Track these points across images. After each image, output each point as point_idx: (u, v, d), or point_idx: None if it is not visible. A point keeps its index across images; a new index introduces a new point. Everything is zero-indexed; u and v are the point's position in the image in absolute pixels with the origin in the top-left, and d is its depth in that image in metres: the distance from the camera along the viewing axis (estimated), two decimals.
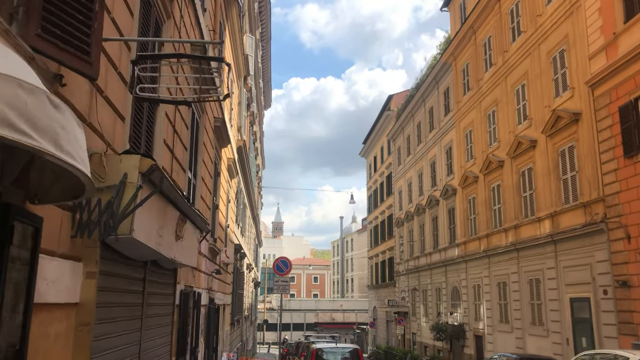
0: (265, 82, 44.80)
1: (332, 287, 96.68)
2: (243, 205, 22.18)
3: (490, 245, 22.34)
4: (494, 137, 22.40)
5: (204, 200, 9.93)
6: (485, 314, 22.73)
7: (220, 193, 12.64)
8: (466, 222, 25.25)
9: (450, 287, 27.42)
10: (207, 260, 10.58)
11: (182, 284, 7.70)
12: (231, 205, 16.17)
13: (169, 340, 6.54)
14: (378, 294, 45.62)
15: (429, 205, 30.68)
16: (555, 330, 17.07)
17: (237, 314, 19.38)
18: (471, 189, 24.63)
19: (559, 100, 17.30)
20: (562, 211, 16.84)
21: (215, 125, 11.14)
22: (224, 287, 14.73)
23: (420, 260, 32.58)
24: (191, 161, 8.47)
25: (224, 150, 13.28)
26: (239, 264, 19.97)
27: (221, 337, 14.36)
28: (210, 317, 10.71)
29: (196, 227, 6.44)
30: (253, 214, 32.16)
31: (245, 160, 19.18)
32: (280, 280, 15.60)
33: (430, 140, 31.22)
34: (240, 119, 18.83)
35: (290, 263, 15.87)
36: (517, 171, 20.11)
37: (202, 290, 10.03)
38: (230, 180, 15.55)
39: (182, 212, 5.37)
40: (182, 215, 5.36)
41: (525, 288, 19.25)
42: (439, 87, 29.99)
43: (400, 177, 37.97)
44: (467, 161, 25.38)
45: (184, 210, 5.40)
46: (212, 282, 11.42)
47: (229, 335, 16.90)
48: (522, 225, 19.58)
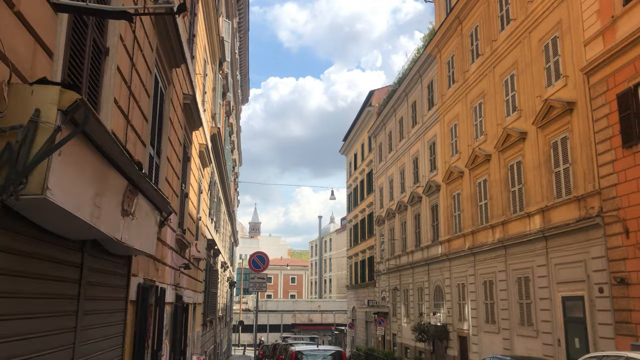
0: (243, 76, 43.58)
1: (310, 287, 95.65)
2: (217, 199, 20.99)
3: (475, 243, 21.53)
4: (480, 131, 21.61)
5: (170, 185, 8.79)
6: (470, 314, 21.91)
7: (190, 180, 11.49)
8: (450, 219, 24.43)
9: (433, 287, 26.58)
10: (173, 252, 9.43)
11: (140, 276, 6.56)
12: (203, 197, 15.00)
13: (119, 342, 5.41)
14: (357, 294, 44.69)
15: (411, 203, 29.83)
16: (546, 331, 16.27)
17: (210, 314, 18.18)
18: (456, 184, 23.82)
19: (551, 90, 16.53)
20: (553, 206, 16.06)
21: (185, 102, 10.00)
22: (195, 285, 13.56)
23: (402, 259, 31.72)
24: (153, 136, 7.34)
25: (195, 134, 12.13)
26: (212, 261, 18.78)
27: (191, 338, 13.19)
28: (177, 317, 9.56)
29: (154, 206, 5.32)
30: (229, 210, 30.93)
31: (220, 151, 18.02)
32: (256, 278, 14.40)
33: (412, 135, 30.39)
34: (215, 105, 17.67)
35: (267, 259, 14.68)
36: (505, 165, 19.32)
37: (168, 286, 8.89)
38: (203, 169, 14.39)
39: (132, 182, 4.26)
40: (131, 186, 4.24)
41: (514, 287, 18.45)
42: (423, 81, 29.17)
43: (382, 174, 37.10)
44: (451, 156, 24.56)
45: (135, 180, 4.29)
46: (180, 278, 10.27)
47: (201, 336, 15.71)
48: (510, 221, 18.79)
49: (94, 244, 4.33)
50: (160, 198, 5.39)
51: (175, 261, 9.73)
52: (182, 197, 10.39)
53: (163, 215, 6.05)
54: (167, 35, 7.58)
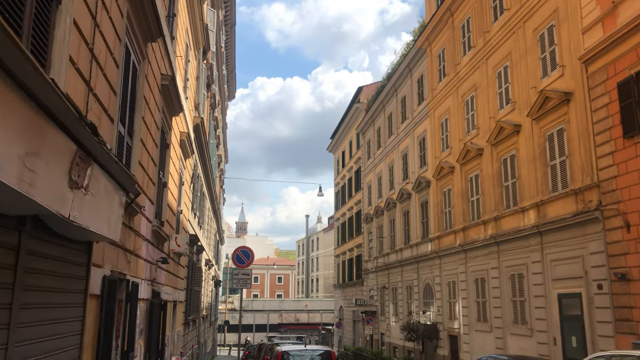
0: (229, 72, 42.78)
1: (297, 287, 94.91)
2: (201, 194, 20.21)
3: (467, 239, 20.98)
4: (472, 124, 21.06)
5: (145, 170, 8.05)
6: (461, 313, 21.36)
7: (169, 170, 10.75)
8: (440, 216, 23.87)
9: (422, 285, 26.01)
10: (149, 245, 8.69)
11: (106, 267, 5.83)
12: (185, 189, 14.24)
13: (76, 341, 4.68)
14: (345, 294, 44.07)
15: (400, 200, 29.25)
16: (541, 329, 15.73)
17: (192, 312, 17.41)
18: (446, 180, 23.26)
19: (546, 81, 16.00)
20: (549, 200, 15.53)
21: (163, 83, 9.26)
22: (175, 281, 12.80)
23: (390, 257, 31.13)
24: (124, 114, 6.61)
25: (175, 120, 11.39)
26: (195, 258, 18.01)
27: (171, 338, 12.43)
28: (153, 315, 8.82)
29: (117, 184, 4.59)
30: (214, 207, 30.12)
31: (203, 143, 17.26)
32: (240, 274, 13.60)
33: (402, 131, 29.81)
34: (198, 95, 16.91)
35: (252, 253, 13.89)
36: (498, 159, 18.78)
37: (142, 280, 8.15)
38: (185, 160, 13.63)
39: (84, 149, 3.54)
40: (83, 153, 3.52)
41: (507, 284, 17.91)
42: (413, 76, 28.60)
43: (370, 172, 36.51)
44: (442, 151, 24.01)
45: (88, 147, 3.57)
46: (157, 273, 9.53)
47: (182, 336, 14.94)
48: (503, 217, 18.24)
49: (37, 223, 3.61)
50: (126, 175, 4.67)
51: (152, 254, 8.99)
52: (159, 186, 9.65)
53: (130, 197, 5.33)
54: (141, 3, 6.86)
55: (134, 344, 7.49)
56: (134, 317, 7.32)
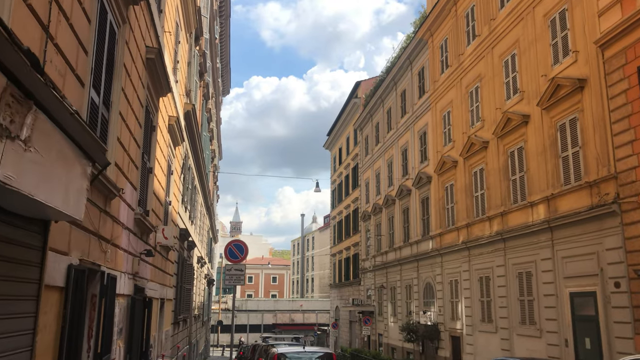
0: (224, 65, 41.86)
1: (292, 287, 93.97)
2: (193, 187, 19.29)
3: (470, 236, 20.14)
4: (476, 117, 20.23)
5: (126, 150, 7.15)
6: (464, 313, 20.51)
7: (156, 155, 9.84)
8: (442, 212, 23.03)
9: (422, 284, 25.17)
10: (131, 235, 7.78)
11: (73, 255, 4.93)
12: (175, 179, 13.33)
13: (26, 342, 3.78)
14: (341, 293, 43.18)
15: (400, 196, 28.40)
16: (551, 330, 14.90)
17: (183, 311, 16.48)
18: (449, 175, 22.42)
19: (558, 68, 15.17)
20: (561, 193, 14.70)
21: (148, 57, 8.35)
22: (163, 277, 11.89)
23: (389, 256, 30.28)
24: (99, 79, 5.71)
25: (163, 101, 10.48)
26: (186, 254, 17.09)
27: (157, 338, 11.52)
28: (135, 312, 7.91)
29: (78, 148, 3.69)
30: (207, 203, 29.18)
31: (195, 133, 16.34)
32: (233, 269, 12.58)
33: (401, 126, 28.96)
34: (190, 81, 16.00)
35: (246, 248, 12.90)
36: (504, 152, 17.95)
37: (122, 274, 7.25)
38: (174, 148, 12.72)
39: (20, 86, 2.64)
40: (18, 92, 2.63)
41: (514, 282, 17.08)
42: (413, 68, 27.76)
43: (368, 168, 35.65)
44: (444, 145, 23.17)
45: (28, 85, 2.68)
46: (140, 267, 8.62)
47: (171, 336, 14.02)
48: (510, 212, 17.42)
49: None
50: (91, 140, 3.77)
51: (134, 246, 8.08)
52: (144, 171, 8.75)
53: (97, 168, 4.43)
54: None
55: (111, 345, 6.59)
56: (111, 314, 6.42)
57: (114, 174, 6.37)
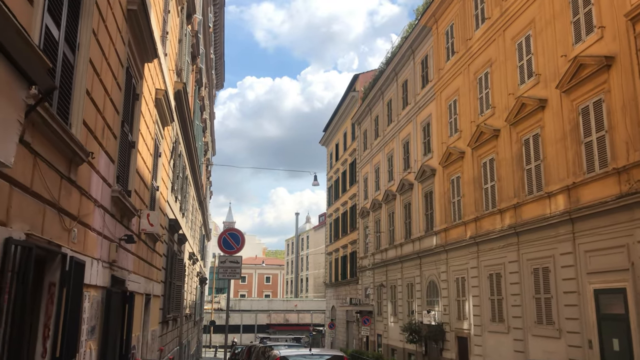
0: (218, 58, 40.52)
1: (286, 287, 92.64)
2: (184, 177, 18.01)
3: (479, 231, 18.97)
4: (486, 104, 19.07)
5: (100, 111, 5.90)
6: (471, 312, 19.34)
7: (141, 129, 8.58)
8: (448, 206, 21.86)
9: (425, 282, 23.99)
10: (106, 215, 6.53)
11: (14, 227, 3.69)
12: (164, 163, 12.06)
13: None
14: (337, 293, 41.96)
15: (401, 191, 27.22)
16: (572, 330, 13.74)
17: (173, 310, 15.21)
18: (455, 167, 21.25)
19: (580, 46, 14.02)
20: (583, 182, 13.55)
21: (130, 7, 7.10)
22: (149, 271, 10.62)
23: (389, 253, 29.09)
24: (59, 8, 4.45)
25: (149, 69, 9.23)
26: (177, 248, 15.82)
27: (142, 339, 10.25)
28: (112, 308, 6.65)
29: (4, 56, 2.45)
30: (199, 197, 27.87)
31: (187, 116, 15.06)
32: (227, 261, 11.24)
33: (403, 118, 27.78)
34: (181, 60, 14.74)
35: (242, 237, 11.53)
36: (518, 140, 16.80)
37: (95, 260, 5.99)
38: (162, 127, 11.45)
39: None
40: None
41: (528, 279, 15.92)
42: (415, 57, 26.59)
43: (367, 163, 34.45)
44: (450, 136, 22.00)
45: None
46: (120, 255, 7.37)
47: (159, 337, 12.74)
48: (524, 204, 16.26)
49: None
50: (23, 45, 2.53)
51: (111, 229, 6.83)
52: (125, 143, 7.50)
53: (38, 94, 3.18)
54: None
55: (78, 347, 5.33)
56: (77, 309, 5.17)
57: (81, 134, 5.13)
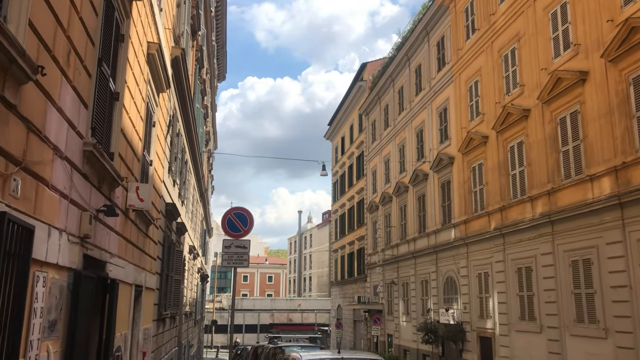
0: (220, 47, 38.92)
1: (288, 286, 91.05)
2: (184, 161, 16.43)
3: (506, 221, 17.36)
4: (513, 82, 17.46)
5: (58, 18, 4.30)
6: (496, 310, 17.74)
7: (127, 79, 6.99)
8: (468, 196, 20.25)
9: (442, 278, 22.37)
10: (74, 172, 4.94)
11: None
12: (158, 135, 10.46)
13: None
14: (344, 291, 40.35)
15: (414, 182, 25.60)
16: (622, 330, 12.13)
17: (170, 306, 13.62)
18: (477, 153, 19.64)
19: (631, 8, 12.42)
20: (635, 161, 11.94)
21: None
22: (141, 258, 9.02)
23: (401, 248, 27.48)
24: None
25: (139, 11, 7.63)
26: (175, 238, 14.23)
27: (132, 338, 8.65)
28: (83, 298, 5.07)
29: None
30: (200, 189, 26.29)
31: (185, 88, 13.46)
32: (233, 246, 9.58)
33: (416, 104, 26.17)
34: (179, 26, 13.16)
35: (250, 218, 9.79)
36: (552, 119, 15.19)
37: (55, 230, 4.41)
38: (157, 92, 9.86)
39: None
40: None
41: (566, 273, 14.31)
42: (430, 39, 24.98)
43: (375, 155, 32.84)
44: (470, 120, 20.39)
45: None
46: (97, 231, 5.79)
47: (153, 336, 11.15)
48: (560, 190, 14.65)
49: None
50: None
51: (83, 193, 5.24)
52: (103, 87, 5.90)
53: None
54: None
55: (24, 348, 3.74)
56: (21, 294, 3.57)
57: (27, 38, 3.53)
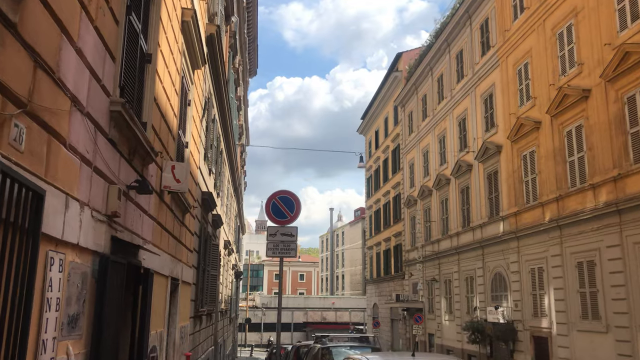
0: (251, 40, 38.22)
1: (320, 284, 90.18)
2: (219, 151, 15.64)
3: (563, 212, 16.06)
4: (570, 62, 16.14)
5: None
6: (553, 307, 16.45)
7: (159, 41, 6.13)
8: (519, 186, 18.96)
9: (489, 274, 21.12)
10: (99, 135, 4.08)
11: None
12: (194, 116, 9.62)
13: None
14: (380, 289, 39.22)
15: (457, 174, 24.37)
16: None
17: (207, 303, 12.82)
18: (528, 140, 18.34)
19: None
20: None
21: None
22: (177, 249, 8.19)
23: (442, 244, 26.27)
24: None
25: None
26: (211, 231, 13.44)
27: (168, 337, 7.82)
28: (112, 288, 4.20)
29: None
30: (234, 182, 25.57)
31: (220, 70, 12.63)
32: (278, 233, 8.50)
33: (458, 92, 24.92)
34: (212, 3, 12.33)
35: (297, 202, 8.60)
36: (618, 98, 13.86)
37: (73, 200, 3.53)
38: (191, 68, 9.01)
39: None
40: None
41: (636, 267, 12.98)
42: (473, 23, 23.70)
43: (412, 148, 31.63)
44: (520, 105, 19.10)
45: None
46: (127, 211, 4.94)
47: (190, 335, 10.34)
48: (629, 175, 13.33)
49: None
50: None
51: (110, 162, 4.38)
52: (133, 43, 5.04)
53: None
54: None
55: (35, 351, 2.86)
56: (29, 281, 2.68)
57: None
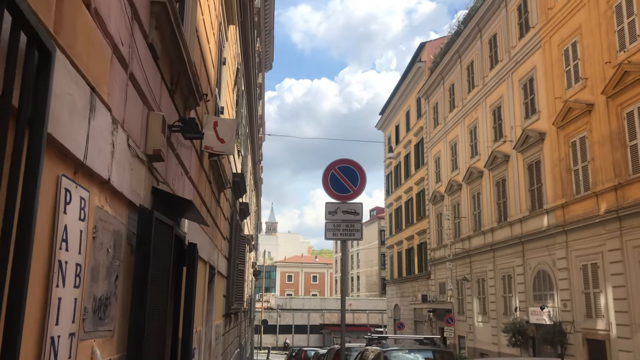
0: (267, 32, 36.95)
1: (334, 285, 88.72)
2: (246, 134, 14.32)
3: (622, 202, 14.57)
4: (631, 35, 14.66)
5: None
6: (611, 307, 14.95)
7: None
8: (566, 176, 17.47)
9: (531, 272, 19.62)
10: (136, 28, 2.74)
11: None
12: (227, 81, 8.28)
13: None
14: (401, 290, 37.74)
15: (491, 166, 22.89)
16: None
17: (236, 300, 11.50)
18: (578, 125, 16.87)
19: None
20: None
21: None
22: (213, 232, 6.86)
23: (474, 241, 24.79)
24: None
25: None
26: (239, 219, 12.12)
27: (205, 338, 6.48)
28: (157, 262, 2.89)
29: None
30: (255, 176, 24.29)
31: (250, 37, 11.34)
32: (339, 211, 6.94)
33: (491, 79, 23.46)
34: None
35: (362, 174, 7.08)
36: None
37: (107, 111, 2.20)
38: (226, 22, 7.70)
39: None
40: None
41: None
42: (509, 3, 22.24)
43: (439, 141, 30.16)
44: (567, 88, 17.63)
45: None
46: (168, 158, 3.64)
47: (222, 335, 8.99)
48: None
49: None
50: None
51: (150, 77, 3.04)
52: None
53: None
54: None
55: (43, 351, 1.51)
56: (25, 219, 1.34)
57: None
